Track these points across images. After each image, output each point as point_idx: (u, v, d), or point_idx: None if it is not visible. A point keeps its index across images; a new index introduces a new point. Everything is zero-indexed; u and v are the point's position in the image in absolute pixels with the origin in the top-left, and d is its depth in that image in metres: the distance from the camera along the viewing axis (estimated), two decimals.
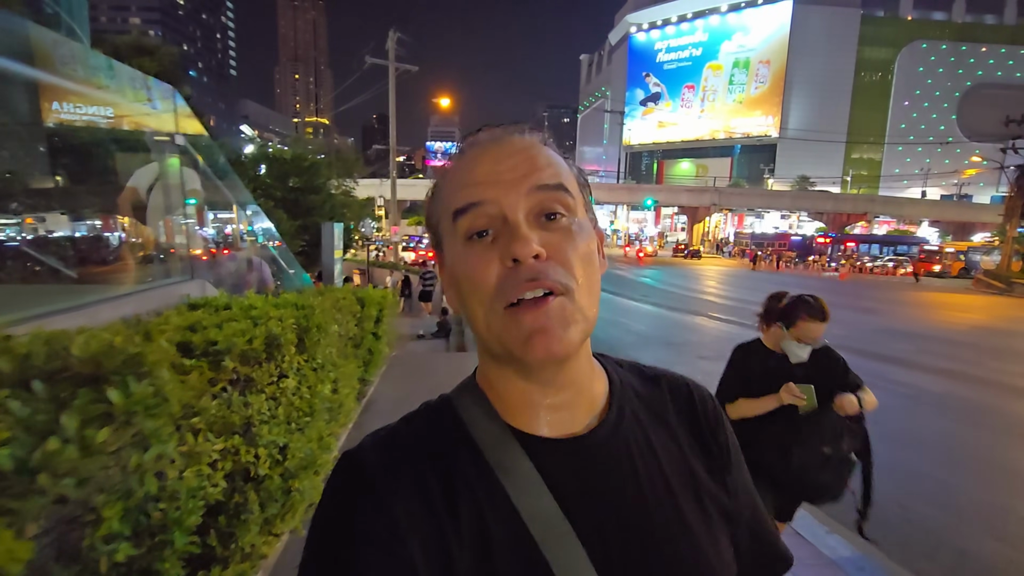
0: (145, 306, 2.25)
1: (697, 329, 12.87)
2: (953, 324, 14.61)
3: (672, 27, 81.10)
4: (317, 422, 2.89)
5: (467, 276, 0.51)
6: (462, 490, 0.50)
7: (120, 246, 3.79)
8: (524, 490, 0.50)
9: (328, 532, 0.49)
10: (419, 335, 12.29)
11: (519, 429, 0.54)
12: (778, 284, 24.25)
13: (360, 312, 5.12)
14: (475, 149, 0.55)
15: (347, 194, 21.55)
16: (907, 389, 7.46)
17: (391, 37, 21.83)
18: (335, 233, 7.19)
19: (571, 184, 0.54)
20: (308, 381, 2.64)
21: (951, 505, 4.06)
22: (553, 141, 0.57)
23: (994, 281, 26.94)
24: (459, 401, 0.57)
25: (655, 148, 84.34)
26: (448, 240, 0.55)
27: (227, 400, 1.86)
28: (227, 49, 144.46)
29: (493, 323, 0.50)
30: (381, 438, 0.55)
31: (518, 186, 0.51)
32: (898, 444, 5.43)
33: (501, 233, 0.50)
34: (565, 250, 0.50)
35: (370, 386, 6.08)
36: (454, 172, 0.55)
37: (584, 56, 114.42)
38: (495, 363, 0.55)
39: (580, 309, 0.50)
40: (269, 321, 2.23)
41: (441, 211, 0.55)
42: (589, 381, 0.57)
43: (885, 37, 71.18)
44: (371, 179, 40.94)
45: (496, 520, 0.49)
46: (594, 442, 0.54)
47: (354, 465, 0.52)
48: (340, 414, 4.05)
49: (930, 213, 53.96)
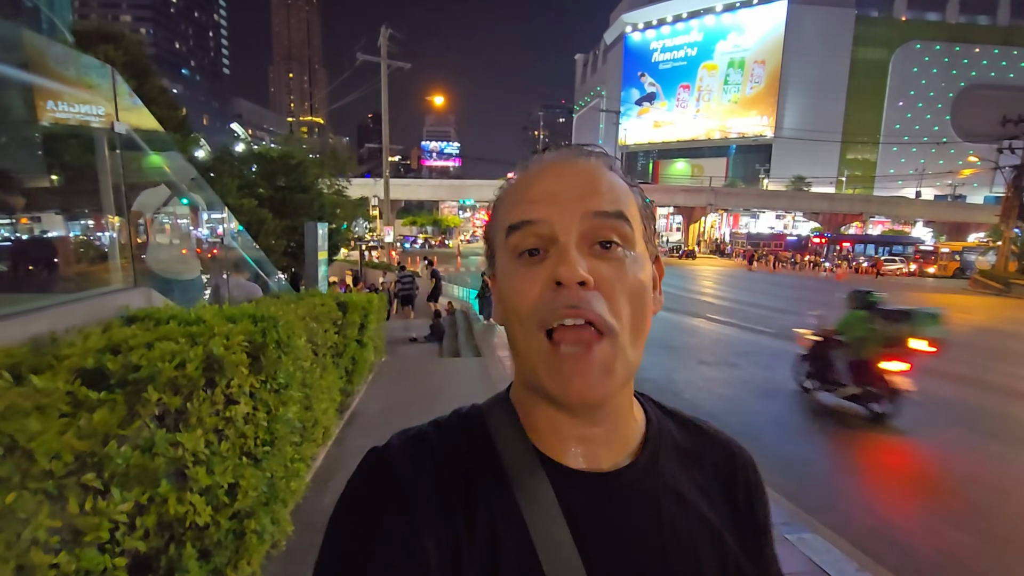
0: (67, 321, 1.89)
1: (696, 332, 12.57)
2: (955, 325, 14.38)
3: (667, 27, 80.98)
4: (281, 449, 2.54)
5: (512, 295, 0.50)
6: (481, 503, 0.50)
7: (40, 248, 3.39)
8: (540, 515, 0.49)
9: (349, 527, 0.48)
10: (411, 338, 11.96)
11: (546, 455, 0.53)
12: (776, 285, 24.27)
13: (342, 319, 4.78)
14: (537, 166, 0.54)
15: (339, 193, 21.16)
16: (915, 394, 7.16)
17: (383, 34, 21.49)
18: (319, 233, 6.82)
19: (632, 213, 0.52)
20: (266, 405, 2.30)
21: (985, 531, 3.74)
22: (620, 167, 0.55)
23: (991, 281, 26.85)
24: (490, 415, 0.57)
25: (651, 148, 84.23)
26: (500, 254, 0.54)
27: (148, 441, 1.52)
28: (220, 47, 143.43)
29: (531, 348, 0.49)
30: (410, 439, 0.54)
31: (573, 208, 0.49)
32: (912, 454, 5.14)
33: (551, 254, 0.49)
34: (613, 283, 0.48)
35: (355, 397, 5.73)
36: (514, 188, 0.54)
37: (579, 56, 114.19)
38: (528, 386, 0.54)
39: (623, 353, 0.48)
40: (211, 340, 1.88)
41: (497, 225, 0.55)
42: (624, 420, 0.55)
43: (879, 37, 71.32)
44: (365, 178, 40.50)
45: (508, 539, 0.48)
46: (621, 482, 0.53)
47: (381, 462, 0.52)
48: (315, 432, 3.71)
49: (925, 213, 54.07)
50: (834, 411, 6.33)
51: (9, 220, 3.52)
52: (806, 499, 4.01)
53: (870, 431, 5.73)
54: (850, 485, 4.51)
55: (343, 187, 21.78)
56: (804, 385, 7.00)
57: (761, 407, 6.65)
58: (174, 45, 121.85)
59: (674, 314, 15.09)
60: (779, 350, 10.23)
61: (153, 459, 1.51)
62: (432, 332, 12.15)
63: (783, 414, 6.41)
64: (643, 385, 0.55)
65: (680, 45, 79.99)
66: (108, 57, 7.62)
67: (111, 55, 7.96)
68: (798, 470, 4.70)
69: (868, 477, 4.75)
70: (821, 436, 5.70)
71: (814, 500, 4.05)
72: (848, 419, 6.05)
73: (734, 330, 12.60)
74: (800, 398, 7.08)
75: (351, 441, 4.65)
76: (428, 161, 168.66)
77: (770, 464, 4.72)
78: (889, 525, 3.75)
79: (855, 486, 4.48)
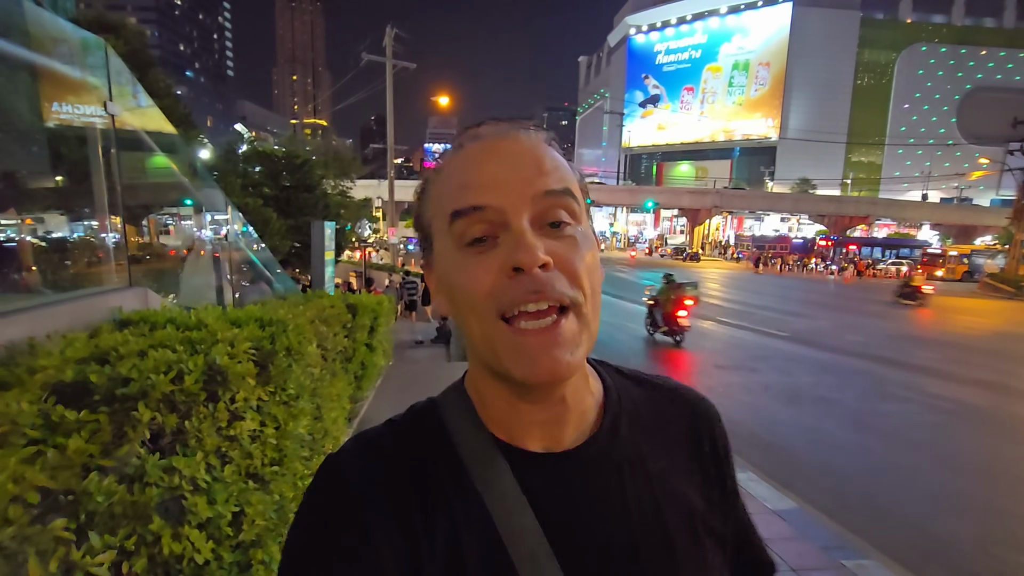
0: (50, 325, 1.65)
1: (709, 335, 12.29)
2: (971, 330, 14.07)
3: (671, 29, 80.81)
4: (291, 467, 2.29)
5: (462, 285, 0.47)
6: (440, 504, 0.49)
7: (18, 244, 3.14)
8: (504, 506, 0.48)
9: (305, 546, 0.47)
10: (418, 341, 11.73)
11: (504, 441, 0.52)
12: (782, 288, 23.97)
13: (351, 322, 4.53)
14: (476, 144, 0.50)
15: (344, 194, 20.96)
16: (945, 403, 6.88)
17: (388, 34, 21.27)
18: (326, 233, 6.57)
19: (575, 189, 0.50)
20: (275, 420, 2.05)
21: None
22: (556, 142, 0.53)
23: (1002, 285, 26.50)
24: (445, 408, 0.55)
25: (654, 150, 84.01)
26: (441, 242, 0.51)
27: (137, 469, 1.27)
28: (224, 50, 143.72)
29: (491, 337, 0.47)
30: (363, 444, 0.53)
31: (523, 190, 0.47)
32: (951, 469, 4.85)
33: (503, 240, 0.46)
34: (572, 260, 0.47)
35: (364, 403, 5.48)
36: (452, 167, 0.51)
37: (582, 58, 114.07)
38: (485, 373, 0.51)
39: (587, 326, 0.48)
40: (214, 347, 1.63)
41: (434, 209, 0.52)
42: (581, 394, 0.54)
43: (885, 40, 71.01)
44: (369, 180, 40.27)
45: (471, 537, 0.47)
46: (581, 458, 0.52)
47: (333, 470, 0.51)
48: (325, 442, 3.45)
49: (932, 216, 53.64)
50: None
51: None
52: (848, 517, 3.74)
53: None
54: (901, 503, 4.22)
55: (347, 187, 21.59)
56: (648, 330, 11.04)
57: (787, 415, 6.38)
58: (179, 47, 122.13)
59: None
60: (796, 354, 9.96)
61: (144, 491, 1.26)
62: (439, 335, 11.91)
63: (811, 422, 6.14)
64: None
65: (684, 47, 79.80)
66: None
67: (110, 44, 7.68)
68: (835, 482, 4.43)
69: (923, 504, 4.46)
70: (857, 446, 5.41)
71: (858, 517, 3.78)
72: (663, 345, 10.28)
73: (747, 333, 12.31)
74: (823, 404, 6.83)
75: None
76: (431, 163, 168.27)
77: (805, 478, 4.45)
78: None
79: (906, 504, 4.20)
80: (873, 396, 7.29)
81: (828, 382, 8.02)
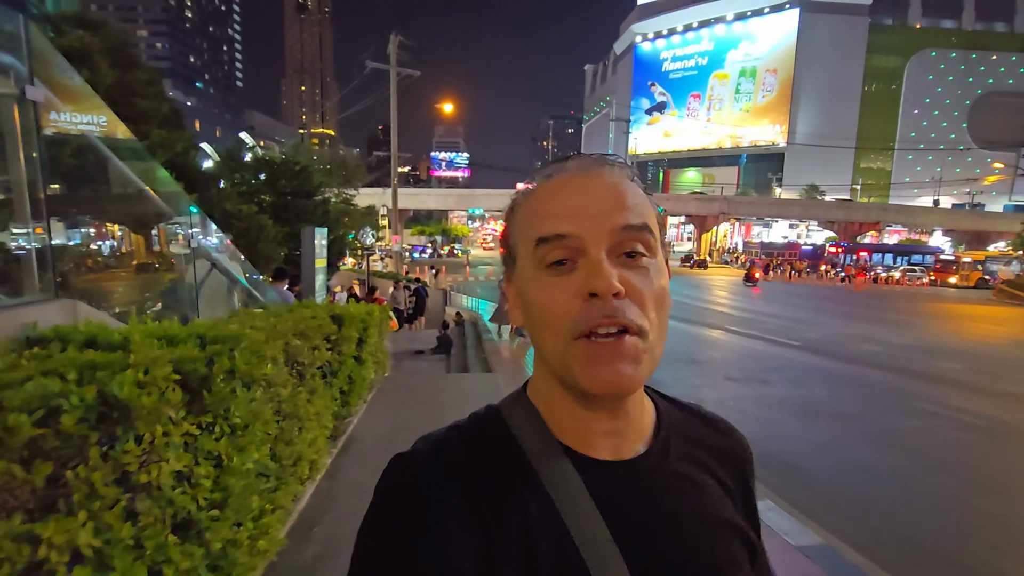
0: None
1: (718, 345, 11.90)
2: (992, 338, 13.58)
3: (678, 36, 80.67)
4: (240, 506, 1.97)
5: (542, 304, 0.52)
6: (512, 505, 0.50)
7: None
8: (575, 508, 0.50)
9: (379, 541, 0.49)
10: (418, 351, 11.45)
11: (569, 447, 0.54)
12: (791, 295, 23.47)
13: (337, 334, 4.22)
14: (562, 176, 0.54)
15: (347, 202, 20.79)
16: (973, 418, 6.47)
17: (393, 41, 21.20)
18: (317, 239, 6.29)
19: (653, 224, 0.54)
20: (213, 457, 1.74)
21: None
22: (639, 177, 0.56)
23: (1019, 292, 25.85)
24: (510, 413, 0.58)
25: (661, 157, 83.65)
26: (524, 263, 0.55)
27: None
28: (234, 61, 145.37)
29: (564, 352, 0.50)
30: (433, 443, 0.55)
31: (604, 223, 0.51)
32: (989, 494, 4.44)
33: (581, 265, 0.50)
34: (642, 290, 0.50)
35: (352, 420, 5.16)
36: (539, 195, 0.55)
37: (588, 66, 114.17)
38: (554, 383, 0.55)
39: (650, 349, 0.51)
40: (124, 373, 1.33)
41: (520, 232, 0.56)
42: (640, 411, 0.57)
43: (894, 45, 70.34)
44: (375, 187, 40.19)
45: (544, 535, 0.49)
46: (642, 467, 0.55)
47: (408, 470, 0.52)
48: (299, 469, 3.14)
49: (945, 222, 52.79)
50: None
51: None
52: (880, 552, 3.38)
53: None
54: (937, 534, 3.84)
55: (351, 195, 21.41)
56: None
57: (805, 431, 6.00)
58: (189, 59, 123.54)
59: (692, 325, 14.42)
60: (810, 365, 9.56)
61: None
62: (439, 344, 11.61)
63: (830, 439, 5.75)
64: None
65: (691, 54, 79.58)
66: (84, 44, 7.16)
67: (87, 41, 7.45)
68: (862, 510, 4.05)
69: (962, 536, 4.07)
70: (883, 467, 5.01)
71: (890, 552, 3.41)
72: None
73: (758, 343, 11.90)
74: (843, 419, 6.43)
75: (345, 474, 4.06)
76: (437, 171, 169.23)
77: (828, 505, 4.08)
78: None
79: (943, 536, 3.82)
80: (895, 410, 6.88)
81: (845, 395, 7.63)
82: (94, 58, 7.04)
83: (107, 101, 3.33)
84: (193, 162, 10.43)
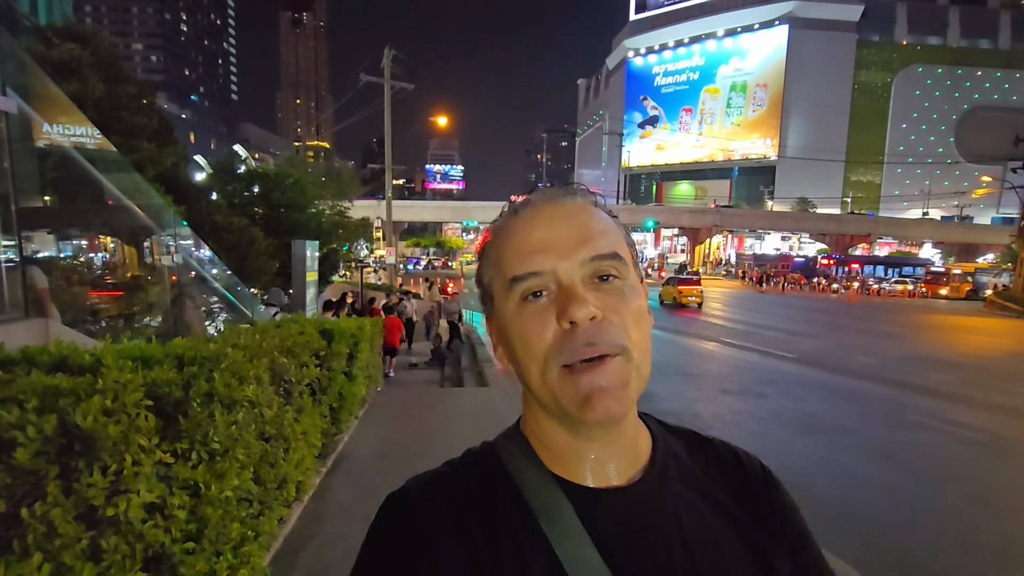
0: None
1: (713, 357, 11.85)
2: (985, 350, 13.60)
3: (669, 51, 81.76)
4: (217, 536, 1.87)
5: (522, 336, 0.52)
6: (505, 537, 0.51)
7: None
8: (567, 538, 0.50)
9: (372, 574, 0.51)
10: (412, 364, 11.33)
11: (562, 477, 0.54)
12: (785, 306, 23.53)
13: (326, 350, 4.13)
14: (528, 210, 0.55)
15: (342, 215, 20.72)
16: (971, 432, 6.42)
17: (387, 55, 21.30)
18: (308, 252, 6.20)
19: (623, 249, 0.55)
20: (189, 485, 1.64)
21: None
22: (604, 202, 0.58)
23: (1009, 303, 26.01)
24: (503, 448, 0.58)
25: (653, 170, 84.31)
26: (501, 300, 0.55)
27: None
28: (229, 74, 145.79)
29: (549, 382, 0.51)
30: (426, 482, 0.55)
31: (573, 255, 0.52)
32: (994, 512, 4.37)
33: (557, 295, 0.51)
34: (620, 311, 0.51)
35: (343, 437, 5.05)
36: (508, 234, 0.55)
37: (581, 80, 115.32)
38: (543, 415, 0.55)
39: (636, 368, 0.51)
40: (90, 400, 1.24)
41: (494, 272, 0.56)
42: (634, 437, 0.57)
43: (881, 61, 71.65)
44: (369, 199, 40.16)
45: (537, 566, 0.49)
46: (637, 494, 0.54)
47: (400, 507, 0.53)
48: (285, 491, 3.04)
49: (934, 234, 53.39)
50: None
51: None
52: (875, 566, 3.30)
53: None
54: (943, 555, 3.76)
55: (345, 208, 21.34)
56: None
57: (802, 446, 5.92)
58: (184, 72, 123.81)
59: (686, 338, 14.39)
60: (805, 377, 9.51)
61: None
62: (433, 357, 11.51)
63: (828, 454, 5.68)
64: (665, 418, 0.56)
65: (682, 69, 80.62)
66: (72, 56, 7.09)
67: (76, 54, 7.40)
68: (865, 529, 3.97)
69: (969, 557, 4.00)
70: (883, 484, 4.93)
71: (887, 567, 3.33)
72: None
73: (753, 355, 11.85)
74: (840, 433, 6.37)
75: (335, 494, 3.95)
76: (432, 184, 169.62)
77: (830, 523, 4.00)
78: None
79: (949, 557, 3.74)
80: (892, 424, 6.82)
81: (842, 408, 7.57)
82: (84, 71, 7.00)
83: (96, 114, 3.27)
84: (184, 175, 10.34)
